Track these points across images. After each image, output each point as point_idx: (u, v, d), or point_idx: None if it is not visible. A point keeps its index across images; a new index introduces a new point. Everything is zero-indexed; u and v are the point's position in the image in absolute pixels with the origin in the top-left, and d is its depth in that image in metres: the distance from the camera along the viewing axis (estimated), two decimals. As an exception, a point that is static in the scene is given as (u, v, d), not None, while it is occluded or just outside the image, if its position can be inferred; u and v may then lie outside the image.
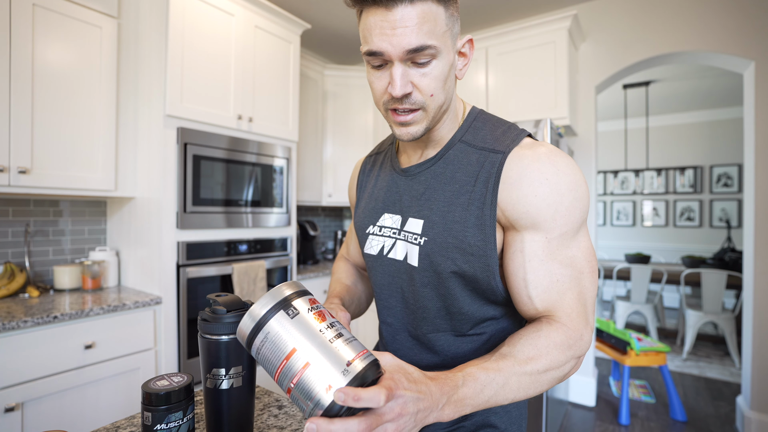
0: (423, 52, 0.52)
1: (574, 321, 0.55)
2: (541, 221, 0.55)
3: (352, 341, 0.43)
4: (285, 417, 0.71)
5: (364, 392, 0.37)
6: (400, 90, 0.54)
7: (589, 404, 2.60)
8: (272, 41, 2.27)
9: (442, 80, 0.56)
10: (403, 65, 0.54)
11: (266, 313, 0.44)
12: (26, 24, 1.59)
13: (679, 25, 2.30)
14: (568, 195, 0.55)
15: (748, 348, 2.18)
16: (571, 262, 0.56)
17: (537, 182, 0.55)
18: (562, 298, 0.56)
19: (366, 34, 0.54)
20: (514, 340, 0.53)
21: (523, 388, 0.50)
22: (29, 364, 1.38)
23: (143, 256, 1.88)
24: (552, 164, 0.56)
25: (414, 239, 0.64)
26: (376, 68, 0.56)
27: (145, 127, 1.88)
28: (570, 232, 0.56)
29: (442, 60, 0.55)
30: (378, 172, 0.77)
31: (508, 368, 0.49)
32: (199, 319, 0.57)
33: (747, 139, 2.24)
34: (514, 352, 0.51)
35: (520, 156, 0.57)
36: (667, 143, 5.28)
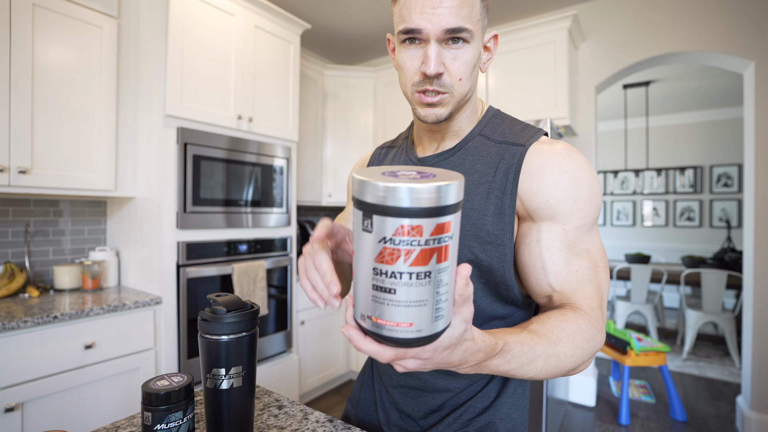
0: (459, 34, 0.54)
1: (595, 311, 0.55)
2: (560, 212, 0.56)
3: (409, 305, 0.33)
4: (285, 417, 0.71)
5: (368, 345, 0.36)
6: (434, 68, 0.55)
7: (589, 404, 2.60)
8: (272, 41, 2.27)
9: (471, 66, 0.58)
10: (438, 45, 0.55)
11: None
12: (26, 24, 1.59)
13: (679, 25, 2.30)
14: (587, 189, 0.56)
15: (748, 348, 2.18)
16: (587, 255, 0.57)
17: (558, 174, 0.57)
18: (582, 288, 0.56)
19: (404, 12, 0.56)
20: (542, 320, 0.53)
21: (546, 368, 0.49)
22: (29, 364, 1.38)
23: (143, 256, 1.88)
24: (571, 158, 0.58)
25: None
26: (408, 46, 0.58)
27: (145, 127, 1.88)
28: (586, 226, 0.57)
29: (473, 46, 0.57)
30: (390, 163, 0.77)
31: (540, 347, 0.48)
32: (199, 319, 0.57)
33: (747, 139, 2.24)
34: (545, 330, 0.50)
35: (540, 150, 0.59)
36: (667, 143, 5.28)
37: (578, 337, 0.52)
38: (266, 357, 2.24)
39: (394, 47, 0.65)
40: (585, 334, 0.52)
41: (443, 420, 0.66)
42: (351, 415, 0.80)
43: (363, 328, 0.36)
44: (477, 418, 0.65)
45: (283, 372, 2.29)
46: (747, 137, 2.24)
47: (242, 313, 0.57)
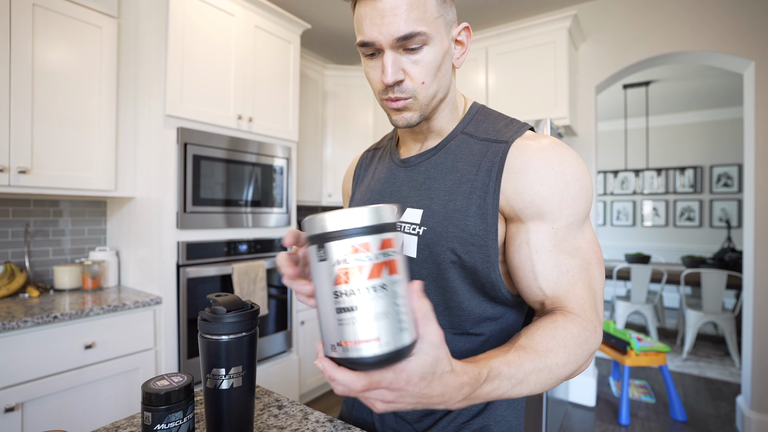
0: (413, 39, 0.53)
1: (587, 312, 0.54)
2: (547, 211, 0.55)
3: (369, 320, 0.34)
4: (285, 417, 0.71)
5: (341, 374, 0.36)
6: (391, 77, 0.54)
7: (589, 404, 2.60)
8: (272, 41, 2.27)
9: (435, 68, 0.56)
10: (394, 53, 0.54)
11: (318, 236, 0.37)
12: (26, 24, 1.59)
13: (679, 25, 2.30)
14: (574, 184, 0.55)
15: (748, 348, 2.18)
16: (578, 253, 0.55)
17: (542, 171, 0.55)
18: (573, 289, 0.54)
19: (358, 24, 0.55)
20: (530, 332, 0.51)
21: (540, 383, 0.48)
22: (29, 364, 1.38)
23: (143, 256, 1.88)
24: (557, 154, 0.56)
25: (412, 229, 0.62)
26: (370, 58, 0.57)
27: (145, 127, 1.88)
28: (576, 222, 0.55)
29: (434, 47, 0.55)
30: (376, 165, 0.76)
31: (529, 363, 0.47)
32: (199, 319, 0.57)
33: (747, 139, 2.24)
34: (533, 344, 0.49)
35: (524, 146, 0.57)
36: (667, 143, 5.28)
37: (570, 343, 0.50)
38: (266, 357, 2.24)
39: None
40: (577, 338, 0.51)
41: (438, 423, 0.65)
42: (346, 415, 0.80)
43: (334, 359, 0.37)
44: (471, 420, 0.64)
45: (283, 372, 2.29)
46: (747, 137, 2.24)
47: (242, 313, 0.57)
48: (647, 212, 5.41)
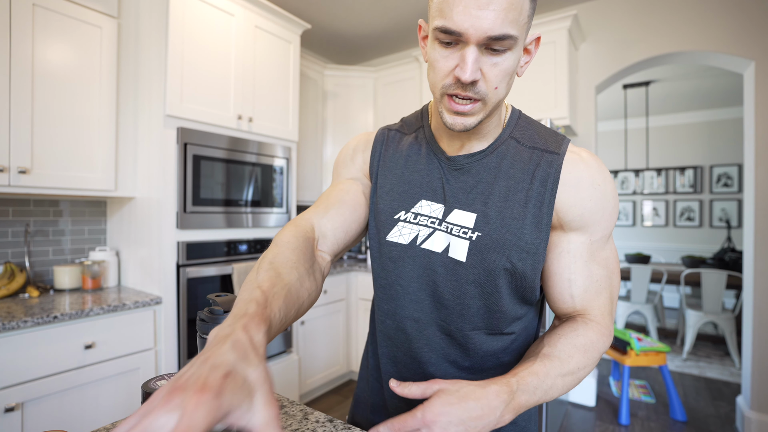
0: (502, 41, 0.49)
1: (606, 319, 0.59)
2: (590, 224, 0.59)
3: None
4: (285, 417, 0.71)
5: None
6: (470, 75, 0.50)
7: (589, 404, 2.60)
8: (272, 41, 2.27)
9: (510, 74, 0.54)
10: (478, 50, 0.50)
11: None
12: (26, 24, 1.59)
13: (679, 25, 2.30)
14: (612, 201, 0.59)
15: (748, 348, 2.18)
16: (606, 263, 0.60)
17: (592, 188, 0.59)
18: (598, 298, 0.59)
19: (444, 6, 0.50)
20: (553, 340, 0.57)
21: (565, 387, 0.54)
22: (29, 364, 1.38)
23: (143, 256, 1.88)
24: (600, 172, 0.60)
25: (464, 233, 0.61)
26: (445, 46, 0.52)
27: (145, 127, 1.88)
28: (607, 235, 0.60)
29: (515, 53, 0.52)
30: (407, 152, 0.70)
31: (555, 370, 0.53)
32: (198, 320, 0.57)
33: (747, 139, 2.24)
34: (556, 352, 0.55)
35: (573, 161, 0.60)
36: (667, 143, 5.27)
37: (589, 348, 0.56)
38: (266, 357, 2.24)
39: (425, 35, 0.59)
40: (595, 344, 0.56)
41: None
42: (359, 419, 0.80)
43: None
44: None
45: (283, 372, 2.29)
46: (747, 137, 2.24)
47: (241, 313, 0.57)
48: (647, 212, 5.40)
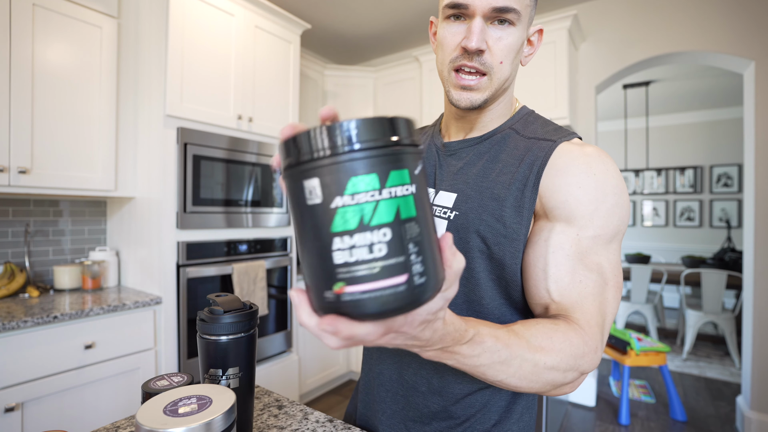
0: (507, 14, 0.53)
1: (593, 330, 0.50)
2: (578, 216, 0.52)
3: None
4: (285, 417, 0.71)
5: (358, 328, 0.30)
6: (476, 43, 0.53)
7: (589, 404, 2.60)
8: (272, 41, 2.27)
9: (514, 51, 0.56)
10: (483, 22, 0.54)
11: None
12: (26, 24, 1.59)
13: (679, 25, 2.30)
14: (612, 197, 0.52)
15: (748, 348, 2.18)
16: (597, 269, 0.52)
17: (584, 174, 0.53)
18: (582, 302, 0.51)
19: None
20: (528, 324, 0.48)
21: (520, 376, 0.45)
22: (29, 364, 1.38)
23: (143, 256, 1.88)
24: (602, 162, 0.54)
25: (443, 213, 0.60)
26: (452, 21, 0.57)
27: (145, 127, 1.88)
28: (604, 237, 0.52)
29: (518, 31, 0.56)
30: None
31: (518, 348, 0.44)
32: (198, 320, 0.57)
33: (747, 139, 2.24)
34: (527, 335, 0.46)
35: (569, 148, 0.56)
36: (667, 143, 5.27)
37: (566, 350, 0.46)
38: (266, 357, 2.24)
39: (435, 31, 0.64)
40: (575, 349, 0.47)
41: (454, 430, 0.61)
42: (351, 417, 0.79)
43: (329, 307, 0.30)
44: None
45: (283, 372, 2.29)
46: (747, 137, 2.24)
47: (240, 313, 0.57)
48: (647, 212, 5.40)
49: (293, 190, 0.29)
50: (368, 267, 0.28)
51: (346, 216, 0.27)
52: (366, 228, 0.27)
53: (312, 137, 0.28)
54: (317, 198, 0.28)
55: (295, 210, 0.30)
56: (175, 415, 0.41)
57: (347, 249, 0.28)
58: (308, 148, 0.28)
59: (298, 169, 0.29)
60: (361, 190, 0.27)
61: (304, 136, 0.28)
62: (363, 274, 0.28)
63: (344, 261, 0.28)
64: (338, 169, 0.27)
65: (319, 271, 0.29)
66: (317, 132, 0.28)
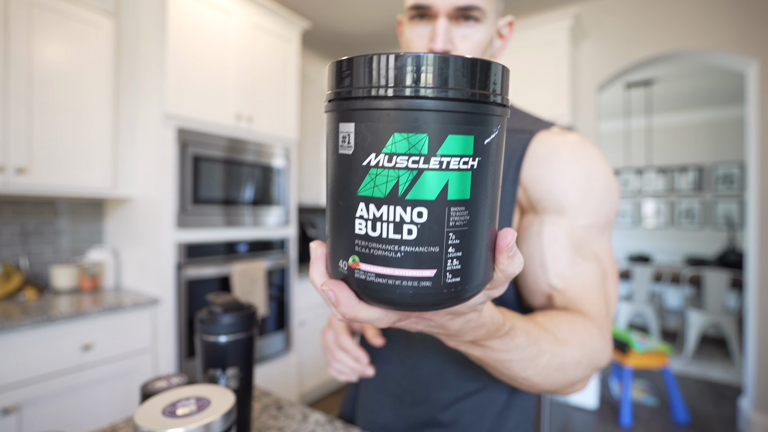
0: (470, 12, 0.53)
1: (604, 320, 0.48)
2: (567, 205, 0.50)
3: None
4: (284, 418, 0.70)
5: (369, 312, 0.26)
6: (441, 44, 0.53)
7: (590, 406, 2.59)
8: (271, 40, 2.26)
9: (482, 48, 0.55)
10: (448, 22, 0.54)
11: None
12: (23, 23, 1.58)
13: (681, 23, 2.29)
14: (600, 183, 0.50)
15: (750, 349, 2.17)
16: (595, 258, 0.50)
17: (567, 162, 0.51)
18: (588, 294, 0.49)
19: None
20: (549, 314, 0.45)
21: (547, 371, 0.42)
22: (26, 365, 1.37)
23: (142, 256, 1.87)
24: (585, 149, 0.52)
25: None
26: (417, 22, 0.56)
27: (143, 127, 1.87)
28: (597, 226, 0.51)
29: (484, 27, 0.55)
30: None
31: (546, 343, 0.41)
32: (197, 320, 0.56)
33: (750, 138, 2.23)
34: (552, 326, 0.43)
35: (549, 137, 0.54)
36: (670, 143, 5.27)
37: (587, 344, 0.44)
38: (265, 357, 2.22)
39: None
40: (595, 343, 0.45)
41: None
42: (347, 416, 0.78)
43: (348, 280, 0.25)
44: None
45: (282, 373, 2.28)
46: (750, 136, 2.23)
47: (239, 314, 0.56)
48: (649, 212, 5.39)
49: (329, 128, 0.25)
50: (391, 248, 0.23)
51: (377, 179, 0.22)
52: (398, 201, 0.22)
53: (359, 66, 0.22)
54: (349, 148, 0.23)
55: (328, 153, 0.26)
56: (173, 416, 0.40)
57: (371, 220, 0.23)
58: (353, 78, 0.22)
59: (336, 104, 0.24)
60: (402, 152, 0.22)
61: (355, 61, 0.22)
62: (382, 255, 0.23)
63: (365, 233, 0.23)
64: (378, 117, 0.22)
65: (338, 235, 0.25)
66: (367, 60, 0.22)
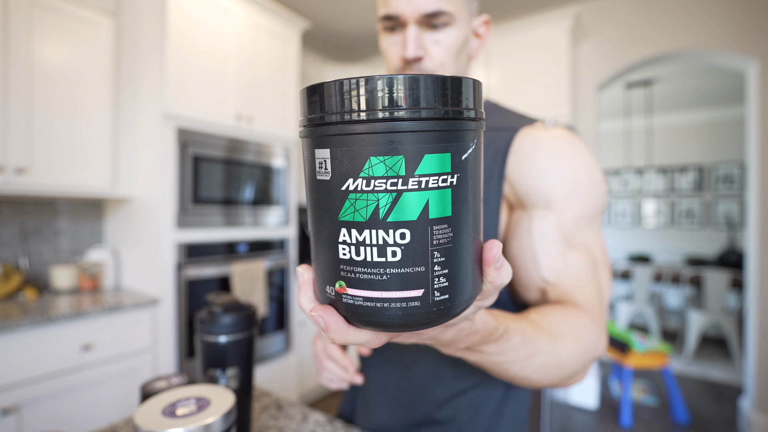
0: (438, 17, 0.53)
1: (598, 312, 0.49)
2: (554, 199, 0.51)
3: None
4: (284, 418, 0.70)
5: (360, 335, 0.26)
6: (412, 51, 0.53)
7: (590, 406, 2.58)
8: (271, 40, 2.26)
9: (455, 51, 0.55)
10: (417, 28, 0.54)
11: None
12: (23, 23, 1.58)
13: (681, 22, 2.29)
14: (585, 176, 0.51)
15: (751, 349, 2.17)
16: (586, 249, 0.51)
17: (551, 156, 0.52)
18: (580, 286, 0.49)
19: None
20: (542, 310, 0.46)
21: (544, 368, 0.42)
22: (26, 365, 1.37)
23: (142, 256, 1.87)
24: (569, 143, 0.53)
25: None
26: (390, 33, 0.57)
27: (143, 127, 1.87)
28: (585, 218, 0.51)
29: (456, 29, 0.55)
30: None
31: (541, 341, 0.42)
32: (197, 320, 0.56)
33: (750, 138, 2.23)
34: (546, 323, 0.43)
35: (532, 133, 0.55)
36: (670, 142, 5.26)
37: (582, 336, 0.45)
38: (265, 358, 2.22)
39: None
40: (589, 335, 0.46)
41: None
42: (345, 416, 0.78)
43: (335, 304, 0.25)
44: None
45: (282, 373, 2.27)
46: (750, 136, 2.23)
47: (239, 314, 0.56)
48: (649, 212, 5.39)
49: (305, 154, 0.24)
50: (376, 272, 0.23)
51: (357, 204, 0.22)
52: (379, 224, 0.22)
53: (330, 91, 0.22)
54: (327, 174, 0.23)
55: (306, 179, 0.25)
56: (173, 416, 0.40)
57: (354, 245, 0.23)
58: (325, 104, 0.22)
59: (311, 130, 0.23)
60: (380, 175, 0.21)
61: (326, 87, 0.22)
62: (368, 279, 0.23)
63: (349, 257, 0.23)
64: (353, 141, 0.21)
65: (323, 260, 0.25)
66: (337, 86, 0.21)
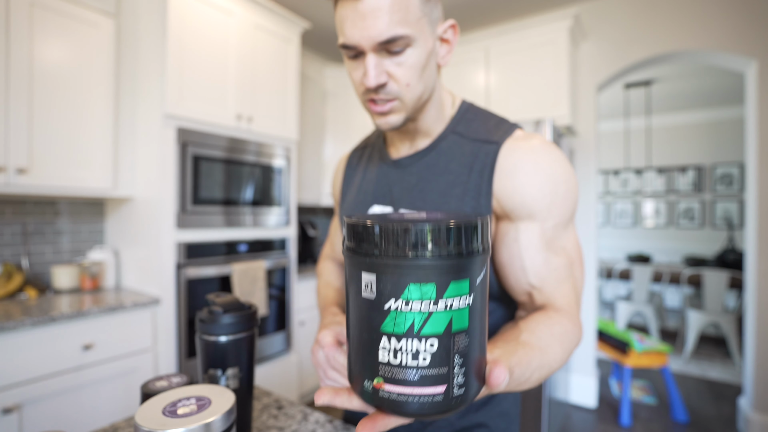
0: (395, 43, 0.51)
1: (573, 309, 0.56)
2: (537, 211, 0.56)
3: None
4: (284, 417, 0.70)
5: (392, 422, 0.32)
6: (373, 80, 0.53)
7: (590, 405, 2.59)
8: (272, 40, 2.26)
9: (419, 69, 0.55)
10: (377, 55, 0.53)
11: None
12: (24, 23, 1.58)
13: (680, 23, 2.29)
14: (563, 185, 0.56)
15: (750, 349, 2.17)
16: (564, 253, 0.57)
17: (533, 172, 0.56)
18: (560, 287, 0.56)
19: (340, 25, 0.53)
20: (531, 326, 0.51)
21: (539, 379, 0.49)
22: (27, 365, 1.37)
23: (142, 256, 1.87)
24: (547, 154, 0.57)
25: None
26: (353, 59, 0.56)
27: (143, 127, 1.87)
28: (563, 222, 0.57)
29: (418, 48, 0.53)
30: (366, 165, 0.75)
31: (535, 361, 0.47)
32: (197, 320, 0.57)
33: (749, 138, 2.23)
34: (536, 341, 0.49)
35: (514, 147, 0.58)
36: (669, 143, 5.27)
37: (565, 339, 0.52)
38: (266, 357, 2.23)
39: None
40: (570, 335, 0.53)
41: None
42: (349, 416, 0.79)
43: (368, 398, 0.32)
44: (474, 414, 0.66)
45: (282, 372, 2.28)
46: (749, 136, 2.23)
47: (240, 314, 0.56)
48: (648, 212, 5.40)
49: (351, 273, 0.31)
50: (409, 372, 0.29)
51: (397, 320, 0.29)
52: (414, 336, 0.28)
53: (377, 232, 0.29)
54: (372, 293, 0.29)
55: (349, 293, 0.31)
56: (174, 416, 0.41)
57: (392, 350, 0.29)
58: (372, 241, 0.29)
59: (357, 257, 0.30)
60: (417, 298, 0.28)
61: (370, 229, 0.29)
62: (403, 378, 0.29)
63: (387, 360, 0.29)
64: (397, 272, 0.28)
65: (362, 359, 0.31)
66: (383, 230, 0.28)
